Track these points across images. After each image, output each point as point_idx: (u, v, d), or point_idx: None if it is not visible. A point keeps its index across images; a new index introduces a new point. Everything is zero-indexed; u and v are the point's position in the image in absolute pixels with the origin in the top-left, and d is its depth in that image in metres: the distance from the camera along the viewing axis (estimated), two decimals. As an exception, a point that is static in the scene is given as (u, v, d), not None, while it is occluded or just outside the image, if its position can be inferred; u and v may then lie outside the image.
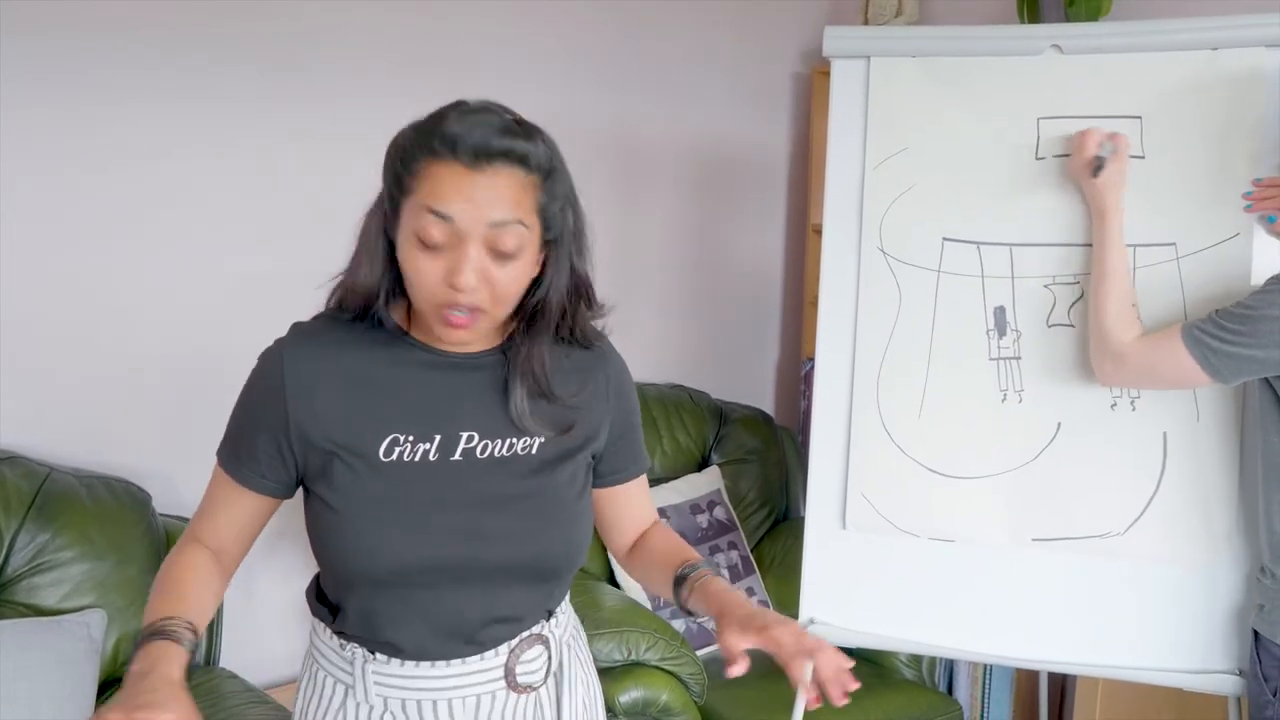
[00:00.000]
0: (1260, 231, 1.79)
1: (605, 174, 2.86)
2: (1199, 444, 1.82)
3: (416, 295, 1.12)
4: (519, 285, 1.13)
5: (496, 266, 1.09)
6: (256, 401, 1.18)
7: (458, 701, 1.21)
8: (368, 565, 1.14)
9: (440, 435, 1.17)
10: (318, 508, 1.17)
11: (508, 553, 1.18)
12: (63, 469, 2.00)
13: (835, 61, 2.01)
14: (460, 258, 1.07)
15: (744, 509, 2.86)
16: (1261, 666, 1.67)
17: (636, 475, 1.35)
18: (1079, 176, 1.81)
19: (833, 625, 1.99)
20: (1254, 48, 1.79)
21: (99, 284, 2.14)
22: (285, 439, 1.16)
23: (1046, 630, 1.90)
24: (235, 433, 1.21)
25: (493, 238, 1.07)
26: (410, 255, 1.09)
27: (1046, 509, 1.89)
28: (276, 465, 1.18)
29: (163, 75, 2.16)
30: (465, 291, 1.07)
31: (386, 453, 1.15)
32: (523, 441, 1.20)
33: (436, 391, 1.18)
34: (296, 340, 1.19)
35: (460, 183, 1.06)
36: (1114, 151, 1.76)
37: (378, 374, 1.17)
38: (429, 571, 1.15)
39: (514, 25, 2.62)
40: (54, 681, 1.76)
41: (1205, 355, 1.64)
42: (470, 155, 1.06)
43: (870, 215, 1.98)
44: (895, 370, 1.96)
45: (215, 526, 1.22)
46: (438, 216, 1.06)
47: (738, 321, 3.22)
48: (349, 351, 1.18)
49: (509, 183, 1.08)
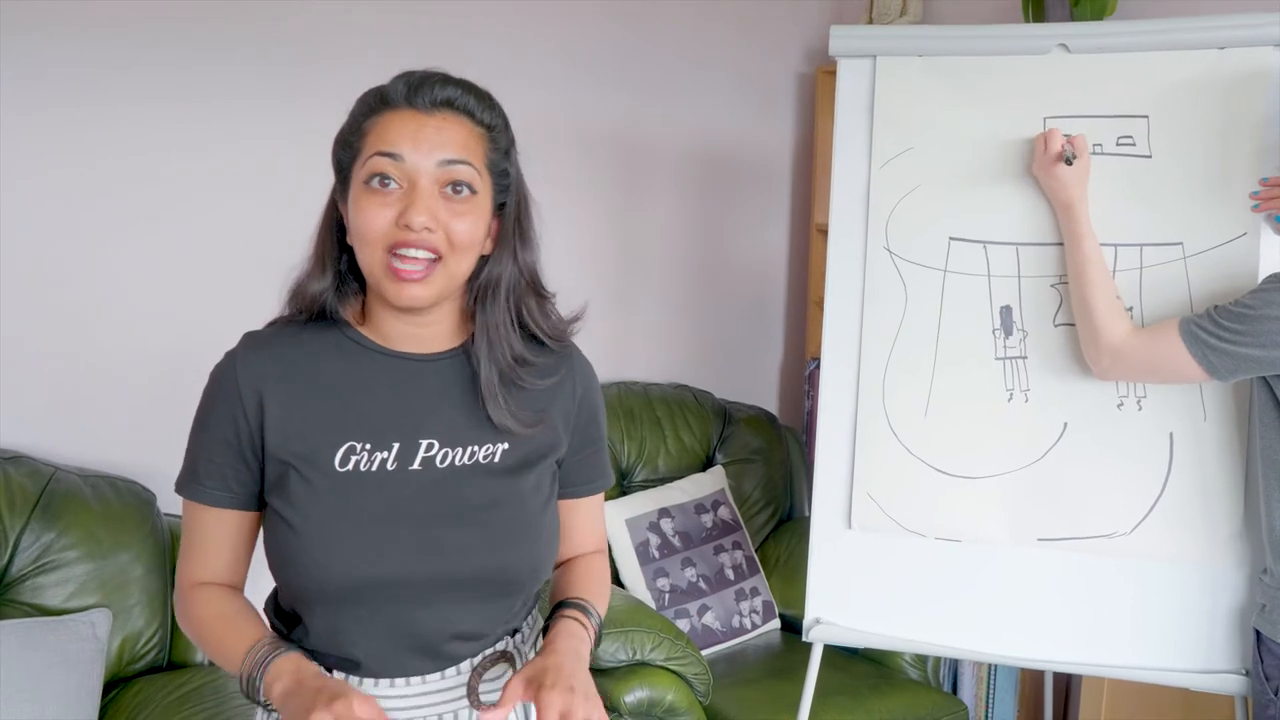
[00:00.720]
0: (1267, 231, 1.78)
1: (609, 173, 2.86)
2: (1205, 444, 1.82)
3: (365, 252, 1.08)
4: (473, 235, 1.10)
5: (450, 211, 1.08)
6: (212, 415, 1.14)
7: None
8: (323, 581, 1.09)
9: (399, 443, 1.13)
10: (273, 522, 1.13)
11: (469, 566, 1.12)
12: (67, 469, 2.00)
13: (841, 61, 2.01)
14: (412, 195, 1.06)
15: (748, 509, 2.86)
16: (1263, 666, 1.67)
17: (593, 492, 1.29)
18: (1045, 172, 1.82)
19: (838, 625, 1.99)
20: (1261, 47, 1.78)
21: (102, 283, 2.15)
22: (245, 449, 1.13)
23: (1052, 630, 1.90)
24: (194, 455, 1.16)
25: (444, 176, 1.08)
26: (361, 209, 1.08)
27: (1052, 509, 1.88)
28: (243, 476, 1.14)
29: (157, 74, 2.16)
30: (418, 230, 1.05)
31: (342, 462, 1.11)
32: (485, 449, 1.15)
33: (394, 397, 1.14)
34: (248, 349, 1.16)
35: (408, 124, 1.08)
36: (1075, 150, 1.78)
37: (333, 380, 1.14)
38: (387, 587, 1.11)
39: (516, 25, 2.62)
40: (59, 681, 1.76)
41: (1202, 352, 1.64)
42: (417, 101, 1.08)
43: (876, 214, 1.97)
44: (901, 370, 1.96)
45: (205, 562, 1.17)
46: (387, 156, 1.07)
47: (741, 321, 3.22)
48: (303, 357, 1.14)
49: (457, 127, 1.09)
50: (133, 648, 1.95)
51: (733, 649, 2.60)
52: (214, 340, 2.26)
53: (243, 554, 1.18)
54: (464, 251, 1.10)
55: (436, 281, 1.09)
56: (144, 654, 1.96)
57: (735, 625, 2.62)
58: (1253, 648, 1.71)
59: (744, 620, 2.64)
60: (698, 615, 2.57)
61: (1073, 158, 1.77)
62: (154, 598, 1.97)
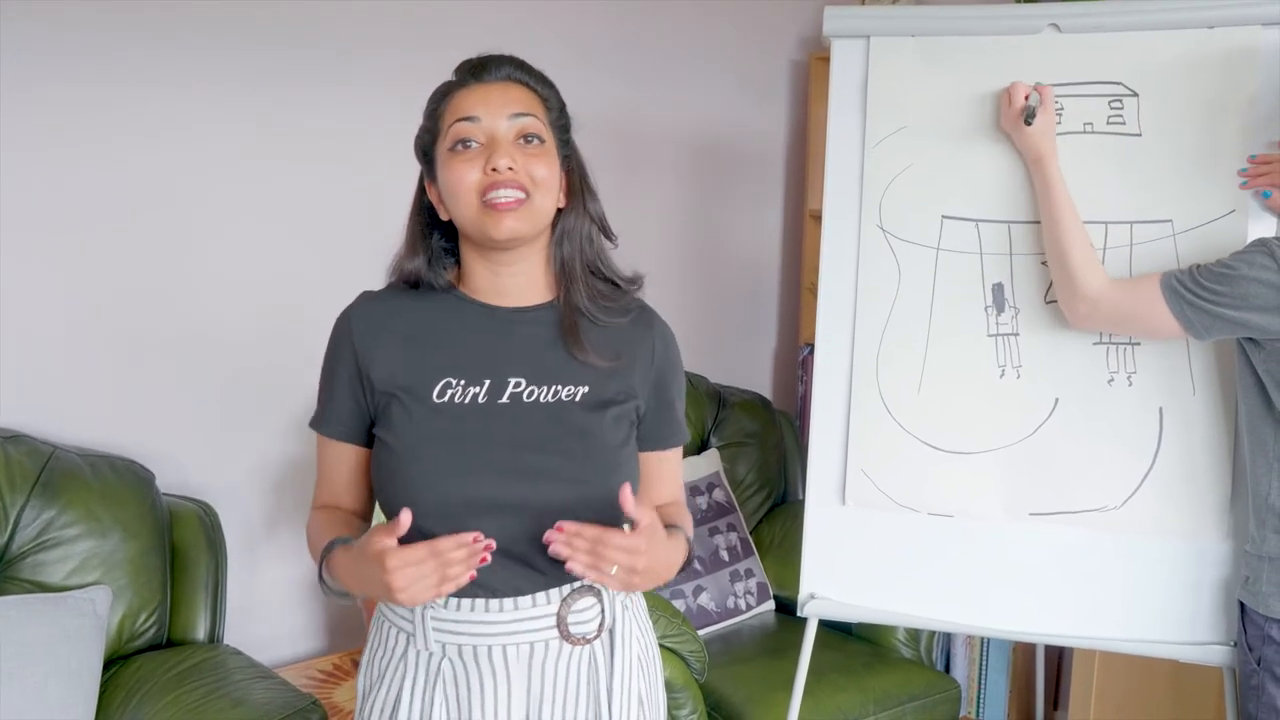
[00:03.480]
0: (1255, 207, 1.80)
1: (603, 161, 2.80)
2: (1194, 419, 1.84)
3: (461, 205, 1.23)
4: (550, 175, 1.26)
5: (526, 155, 1.23)
6: (333, 358, 1.32)
7: (512, 648, 1.25)
8: (420, 497, 1.21)
9: (490, 380, 1.27)
10: (379, 450, 1.28)
11: (551, 490, 1.24)
12: (67, 448, 2.01)
13: (835, 41, 2.03)
14: (493, 146, 1.22)
15: (742, 491, 2.88)
16: (1247, 637, 1.70)
17: (669, 446, 1.41)
18: (1012, 128, 1.85)
19: (832, 600, 2.01)
20: (1250, 26, 1.80)
21: (102, 264, 2.15)
22: (359, 386, 1.29)
23: (1044, 603, 1.92)
24: (322, 395, 1.34)
25: (517, 128, 1.24)
26: (451, 169, 1.24)
27: (1044, 484, 1.91)
28: (357, 412, 1.30)
29: (176, 54, 2.17)
30: (503, 172, 1.21)
31: (439, 395, 1.26)
32: (567, 389, 1.28)
33: (487, 341, 1.29)
34: (362, 302, 1.33)
35: (477, 93, 1.26)
36: (1040, 101, 1.81)
37: (434, 327, 1.29)
38: (476, 505, 1.22)
39: (510, 13, 2.63)
40: (60, 657, 1.77)
41: (1180, 308, 1.66)
42: (484, 77, 1.27)
43: (870, 193, 1.99)
44: (895, 346, 1.98)
45: (328, 487, 1.35)
46: (465, 120, 1.23)
47: (735, 307, 3.23)
48: (408, 309, 1.31)
49: (520, 91, 1.27)
50: (132, 625, 1.96)
51: (727, 629, 2.61)
52: (211, 322, 2.30)
53: (355, 483, 1.35)
54: (546, 190, 1.26)
55: (527, 215, 1.24)
56: (144, 631, 1.97)
57: (730, 606, 2.64)
58: (1238, 620, 1.74)
59: (739, 601, 2.66)
60: (693, 596, 2.59)
61: (1031, 118, 1.80)
62: (153, 575, 1.98)
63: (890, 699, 2.36)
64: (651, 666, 1.38)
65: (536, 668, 1.26)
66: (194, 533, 2.09)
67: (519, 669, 1.25)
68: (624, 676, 1.30)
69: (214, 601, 2.07)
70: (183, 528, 2.08)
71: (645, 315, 1.38)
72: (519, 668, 1.25)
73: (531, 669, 1.26)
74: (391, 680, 1.29)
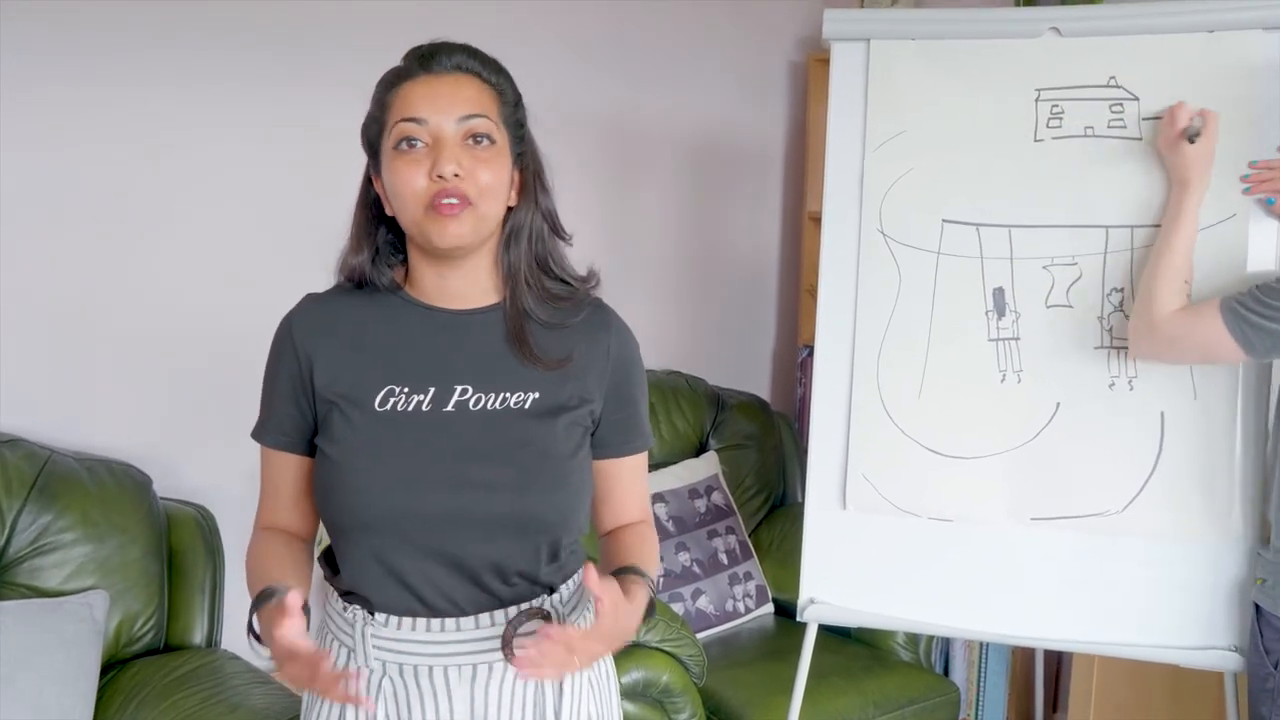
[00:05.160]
0: (1256, 212, 1.80)
1: (602, 161, 2.86)
2: (1196, 422, 1.84)
3: (406, 208, 1.17)
4: (499, 179, 1.19)
5: (474, 159, 1.17)
6: (274, 364, 1.26)
7: (454, 669, 1.21)
8: (359, 510, 1.18)
9: (434, 387, 1.21)
10: (319, 461, 1.22)
11: (497, 502, 1.19)
12: (64, 452, 2.00)
13: (835, 44, 2.02)
14: (439, 150, 1.16)
15: (741, 494, 2.87)
16: (1263, 640, 1.69)
17: (631, 452, 1.33)
18: (1169, 148, 1.78)
19: (832, 604, 2.01)
20: (1251, 30, 1.80)
21: (99, 268, 2.14)
22: (300, 393, 1.24)
23: (1045, 608, 1.92)
24: (263, 404, 1.28)
25: (465, 129, 1.17)
26: (395, 170, 1.17)
27: (1045, 488, 1.90)
28: (299, 422, 1.25)
29: (165, 56, 2.16)
30: (449, 179, 1.14)
31: (381, 403, 1.20)
32: (516, 396, 1.23)
33: (432, 346, 1.23)
34: (304, 305, 1.28)
35: (424, 89, 1.18)
36: (1204, 125, 1.74)
37: (378, 332, 1.24)
38: (419, 518, 1.18)
39: (509, 11, 2.62)
40: (56, 662, 1.77)
41: (1241, 329, 1.63)
42: (431, 68, 1.19)
43: (870, 197, 1.99)
44: (895, 351, 1.97)
45: (269, 505, 1.29)
46: (411, 121, 1.16)
47: (734, 308, 3.23)
48: (351, 313, 1.25)
49: (470, 85, 1.20)
50: (130, 629, 1.95)
51: (726, 633, 2.61)
52: (209, 326, 2.29)
53: (299, 498, 1.28)
54: (492, 196, 1.19)
55: (471, 221, 1.17)
56: (141, 636, 1.97)
57: (729, 609, 2.64)
58: (1251, 622, 1.73)
59: (737, 604, 2.66)
60: (691, 599, 2.58)
61: (1195, 136, 1.73)
62: (151, 580, 1.98)
63: (889, 702, 2.36)
64: (604, 684, 1.32)
65: (480, 689, 1.21)
66: (191, 537, 2.08)
67: (461, 690, 1.21)
68: (573, 698, 1.25)
69: (212, 606, 2.06)
70: (180, 532, 2.07)
71: (600, 313, 1.31)
72: (461, 690, 1.21)
73: (475, 690, 1.21)
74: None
